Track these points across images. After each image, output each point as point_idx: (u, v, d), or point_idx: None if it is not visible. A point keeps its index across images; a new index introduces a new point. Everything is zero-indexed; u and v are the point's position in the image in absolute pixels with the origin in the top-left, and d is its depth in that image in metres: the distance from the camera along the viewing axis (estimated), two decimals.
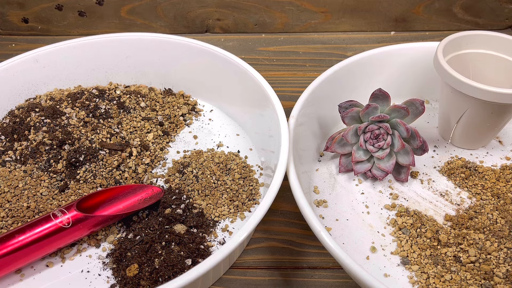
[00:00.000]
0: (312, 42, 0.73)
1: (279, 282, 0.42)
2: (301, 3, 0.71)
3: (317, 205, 0.47)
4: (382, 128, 0.47)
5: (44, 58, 0.54)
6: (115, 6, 0.71)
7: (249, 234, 0.36)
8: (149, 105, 0.55)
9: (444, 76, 0.47)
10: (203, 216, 0.44)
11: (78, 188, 0.46)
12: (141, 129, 0.52)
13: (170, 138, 0.53)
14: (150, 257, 0.40)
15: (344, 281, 0.42)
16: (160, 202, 0.44)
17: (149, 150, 0.50)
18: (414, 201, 0.47)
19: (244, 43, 0.73)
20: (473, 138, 0.51)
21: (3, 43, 0.73)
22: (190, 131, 0.55)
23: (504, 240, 0.41)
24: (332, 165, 0.51)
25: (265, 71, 0.67)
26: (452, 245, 0.42)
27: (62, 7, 0.71)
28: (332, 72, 0.52)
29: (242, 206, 0.46)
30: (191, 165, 0.49)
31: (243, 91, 0.52)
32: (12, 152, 0.48)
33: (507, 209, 0.44)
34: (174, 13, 0.72)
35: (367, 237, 0.44)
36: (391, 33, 0.75)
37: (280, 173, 0.40)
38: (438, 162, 0.51)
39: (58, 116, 0.50)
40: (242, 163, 0.50)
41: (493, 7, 0.71)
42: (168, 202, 0.45)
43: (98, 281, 0.40)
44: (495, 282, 0.39)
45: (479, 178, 0.48)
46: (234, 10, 0.72)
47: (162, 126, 0.53)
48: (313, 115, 0.51)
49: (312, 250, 0.45)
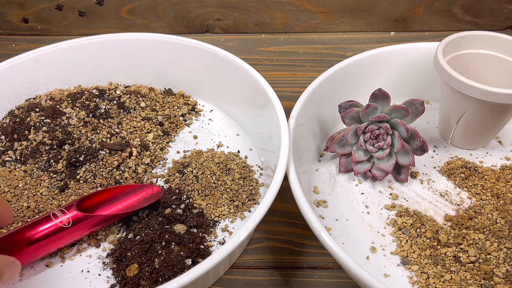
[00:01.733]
0: (312, 42, 0.73)
1: (279, 282, 0.42)
2: (301, 3, 0.71)
3: (317, 205, 0.47)
4: (382, 128, 0.47)
5: (44, 58, 0.54)
6: (115, 6, 0.71)
7: (249, 234, 0.36)
8: (149, 105, 0.55)
9: (444, 76, 0.47)
10: (203, 216, 0.44)
11: (78, 188, 0.46)
12: (141, 129, 0.52)
13: (170, 138, 0.53)
14: (150, 257, 0.40)
15: (344, 281, 0.42)
16: (160, 201, 0.44)
17: (149, 150, 0.50)
18: (414, 201, 0.47)
19: (244, 43, 0.73)
20: (473, 138, 0.51)
21: (3, 43, 0.73)
22: (190, 131, 0.55)
23: (504, 240, 0.41)
24: (332, 165, 0.51)
25: (265, 71, 0.67)
26: (452, 245, 0.42)
27: (62, 7, 0.71)
28: (332, 72, 0.52)
29: (242, 206, 0.46)
30: (191, 165, 0.49)
31: (243, 91, 0.52)
32: (12, 152, 0.48)
33: (507, 209, 0.44)
34: (174, 13, 0.72)
35: (367, 237, 0.44)
36: (391, 33, 0.75)
37: (280, 173, 0.40)
38: (438, 162, 0.51)
39: (58, 116, 0.50)
40: (242, 163, 0.50)
41: (493, 8, 0.71)
42: (168, 202, 0.45)
43: (98, 281, 0.40)
44: (495, 282, 0.39)
45: (479, 178, 0.48)
46: (234, 10, 0.72)
47: (162, 126, 0.53)
48: (313, 115, 0.51)
49: (312, 250, 0.45)
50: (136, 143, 0.50)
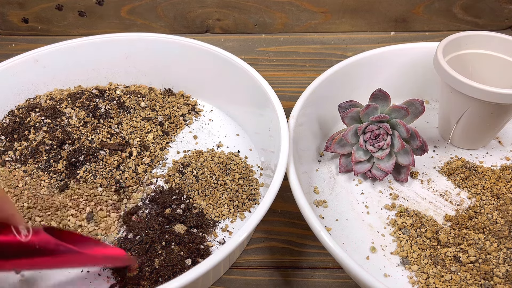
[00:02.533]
0: (312, 42, 0.73)
1: (279, 282, 0.42)
2: (301, 3, 0.71)
3: (317, 205, 0.47)
4: (382, 128, 0.47)
5: (44, 58, 0.54)
6: (115, 6, 0.71)
7: (249, 234, 0.37)
8: (149, 105, 0.55)
9: (444, 76, 0.47)
10: (203, 216, 0.44)
11: (78, 188, 0.46)
12: (141, 129, 0.52)
13: (170, 138, 0.53)
14: (150, 257, 0.40)
15: (344, 281, 0.42)
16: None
17: (149, 150, 0.50)
18: (414, 201, 0.47)
19: (244, 43, 0.73)
20: (473, 138, 0.51)
21: (3, 43, 0.73)
22: (190, 131, 0.55)
23: (504, 240, 0.41)
24: (332, 165, 0.51)
25: (265, 71, 0.67)
26: (451, 245, 0.42)
27: (62, 7, 0.71)
28: (332, 72, 0.52)
29: (242, 206, 0.46)
30: (191, 165, 0.49)
31: (243, 91, 0.52)
32: (12, 152, 0.48)
33: (506, 209, 0.44)
34: (174, 13, 0.72)
35: (367, 237, 0.44)
36: (391, 33, 0.75)
37: (280, 173, 0.40)
38: (438, 162, 0.51)
39: (58, 116, 0.50)
40: (242, 163, 0.50)
41: (493, 8, 0.71)
42: (168, 202, 0.45)
43: (98, 281, 0.40)
44: (495, 282, 0.39)
45: (478, 178, 0.48)
46: (234, 10, 0.72)
47: (162, 126, 0.53)
48: (313, 115, 0.51)
49: (312, 250, 0.45)
50: (136, 143, 0.50)
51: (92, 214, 0.44)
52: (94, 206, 0.45)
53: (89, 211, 0.44)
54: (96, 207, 0.45)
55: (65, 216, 0.43)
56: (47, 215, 0.43)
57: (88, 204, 0.45)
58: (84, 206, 0.45)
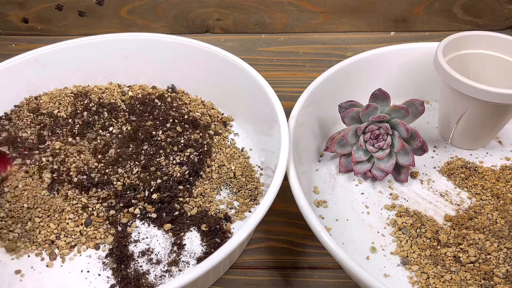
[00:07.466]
0: (312, 43, 0.73)
1: (279, 282, 0.42)
2: (301, 3, 0.71)
3: (317, 205, 0.47)
4: (382, 128, 0.47)
5: (44, 58, 0.54)
6: (115, 6, 0.71)
7: (249, 234, 0.36)
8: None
9: (444, 76, 0.47)
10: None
11: (77, 194, 0.46)
12: None
13: None
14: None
15: (344, 281, 0.42)
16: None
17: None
18: (414, 201, 0.47)
19: (244, 43, 0.73)
20: (473, 138, 0.51)
21: (3, 43, 0.73)
22: None
23: (504, 240, 0.41)
24: (332, 165, 0.51)
25: (265, 71, 0.67)
26: (452, 245, 0.42)
27: (62, 7, 0.71)
28: (332, 72, 0.52)
29: (242, 206, 0.46)
30: None
31: (243, 91, 0.52)
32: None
33: (506, 209, 0.44)
34: (174, 13, 0.72)
35: (367, 237, 0.44)
36: (391, 33, 0.75)
37: (280, 173, 0.40)
38: (438, 162, 0.51)
39: (56, 117, 0.50)
40: (245, 161, 0.49)
41: (493, 8, 0.71)
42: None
43: (98, 281, 0.40)
44: (495, 282, 0.39)
45: (479, 179, 0.48)
46: (234, 10, 0.72)
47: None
48: (313, 115, 0.51)
49: (312, 250, 0.45)
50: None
51: (90, 220, 0.44)
52: (91, 212, 0.44)
53: (87, 216, 0.44)
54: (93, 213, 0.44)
55: (63, 219, 0.43)
56: (46, 216, 0.43)
57: (85, 211, 0.44)
58: (82, 212, 0.44)
